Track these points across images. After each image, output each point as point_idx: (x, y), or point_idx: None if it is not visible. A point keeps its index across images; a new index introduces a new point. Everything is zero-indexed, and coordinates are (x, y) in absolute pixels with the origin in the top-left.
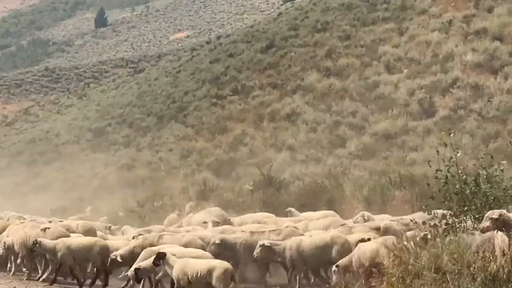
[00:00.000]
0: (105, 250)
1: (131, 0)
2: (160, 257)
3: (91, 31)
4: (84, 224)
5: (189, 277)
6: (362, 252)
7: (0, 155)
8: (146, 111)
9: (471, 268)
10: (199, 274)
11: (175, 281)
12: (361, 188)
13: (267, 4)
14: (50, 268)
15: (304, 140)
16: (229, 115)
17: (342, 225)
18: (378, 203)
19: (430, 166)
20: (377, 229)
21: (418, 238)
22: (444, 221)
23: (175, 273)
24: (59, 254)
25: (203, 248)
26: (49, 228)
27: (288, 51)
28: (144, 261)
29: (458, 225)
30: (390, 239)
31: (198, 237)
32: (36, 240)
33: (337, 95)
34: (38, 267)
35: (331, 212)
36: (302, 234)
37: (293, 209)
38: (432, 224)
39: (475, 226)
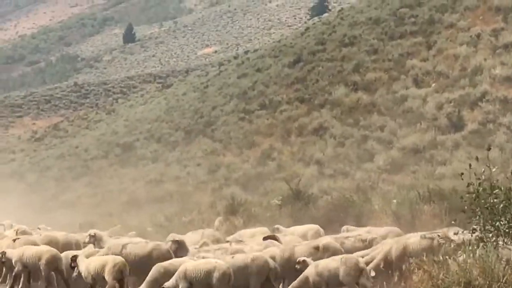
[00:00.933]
0: (55, 260)
1: (159, 16)
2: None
3: (119, 47)
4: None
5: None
6: (320, 270)
7: (29, 170)
8: (174, 126)
9: (501, 282)
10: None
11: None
12: (389, 203)
13: (295, 19)
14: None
15: (332, 155)
16: (256, 129)
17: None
18: (407, 217)
19: (462, 179)
20: (317, 248)
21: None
22: (475, 235)
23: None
24: (13, 262)
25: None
26: (18, 238)
27: (316, 65)
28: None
29: (488, 239)
30: (350, 257)
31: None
32: (4, 251)
33: (365, 109)
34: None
35: (316, 226)
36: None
37: (280, 226)
38: (462, 238)
39: (505, 240)
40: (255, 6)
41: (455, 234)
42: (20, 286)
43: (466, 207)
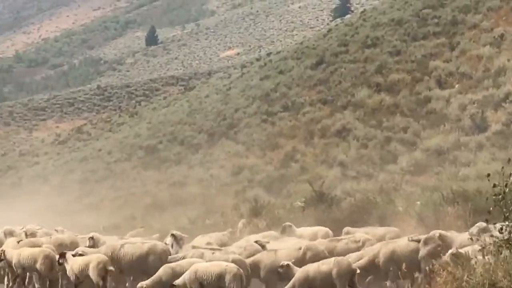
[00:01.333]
0: (50, 260)
1: (182, 18)
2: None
3: (142, 50)
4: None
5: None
6: (313, 276)
7: (53, 173)
8: (197, 128)
9: None
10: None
11: None
12: (413, 204)
13: (317, 20)
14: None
15: (355, 156)
16: (279, 131)
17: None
18: (431, 219)
19: (488, 180)
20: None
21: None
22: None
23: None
24: (12, 263)
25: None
26: (21, 240)
27: (338, 67)
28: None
29: None
30: (342, 260)
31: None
32: (3, 249)
33: (388, 111)
34: None
35: (325, 228)
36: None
37: (291, 225)
38: (487, 239)
39: None
40: (277, 8)
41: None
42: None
43: (491, 208)
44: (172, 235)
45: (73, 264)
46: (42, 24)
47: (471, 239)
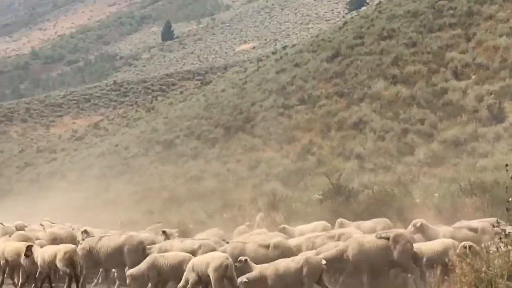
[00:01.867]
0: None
1: (197, 13)
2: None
3: (157, 45)
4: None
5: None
6: (282, 273)
7: (70, 169)
8: (214, 122)
9: None
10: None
11: None
12: (431, 196)
13: (332, 13)
14: None
15: (372, 149)
16: (296, 124)
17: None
18: (448, 210)
19: (507, 171)
20: (267, 246)
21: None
22: None
23: None
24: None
25: None
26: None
27: (354, 59)
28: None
29: None
30: (313, 257)
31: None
32: None
33: (404, 103)
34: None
35: (323, 222)
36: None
37: (287, 226)
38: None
39: None
40: (293, 1)
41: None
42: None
43: (510, 199)
44: (163, 232)
45: (42, 254)
46: (58, 20)
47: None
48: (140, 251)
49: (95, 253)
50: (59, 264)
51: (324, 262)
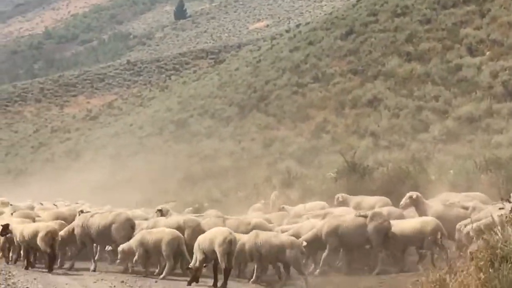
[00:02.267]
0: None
1: None
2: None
3: (171, 24)
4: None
5: None
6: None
7: (85, 148)
8: (228, 101)
9: None
10: None
11: None
12: (446, 173)
13: None
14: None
15: (387, 126)
16: (310, 103)
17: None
18: (463, 187)
19: None
20: (249, 224)
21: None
22: None
23: None
24: None
25: None
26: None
27: (368, 36)
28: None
29: None
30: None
31: None
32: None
33: (419, 80)
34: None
35: (322, 203)
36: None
37: (286, 206)
38: None
39: None
40: None
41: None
42: None
43: None
44: (159, 210)
45: (22, 232)
46: (71, 0)
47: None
48: (128, 227)
49: (87, 229)
50: (40, 244)
51: (304, 244)
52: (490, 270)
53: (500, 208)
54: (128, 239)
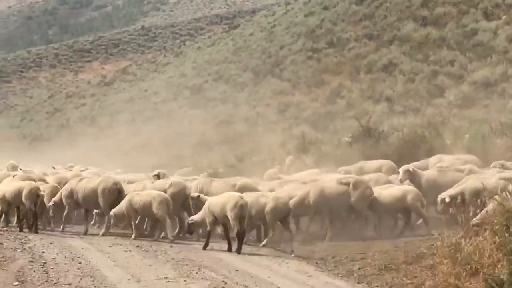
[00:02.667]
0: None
1: None
2: None
3: None
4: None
5: None
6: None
7: (100, 114)
8: (242, 66)
9: None
10: None
11: None
12: (461, 137)
13: None
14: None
15: (402, 91)
16: (325, 68)
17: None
18: (479, 151)
19: None
20: (234, 186)
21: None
22: None
23: None
24: None
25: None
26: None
27: (384, 1)
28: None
29: None
30: (281, 198)
31: None
32: None
33: (434, 44)
34: None
35: (316, 170)
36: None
37: (282, 175)
38: None
39: None
40: None
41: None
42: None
43: None
44: (155, 175)
45: (5, 190)
46: None
47: None
48: (115, 192)
49: (75, 194)
50: (25, 201)
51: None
52: (506, 234)
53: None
54: (114, 204)
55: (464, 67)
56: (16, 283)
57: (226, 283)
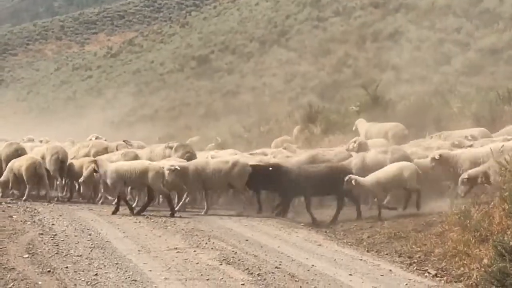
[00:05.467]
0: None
1: None
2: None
3: None
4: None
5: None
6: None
7: (107, 86)
8: (248, 36)
9: None
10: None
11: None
12: (469, 105)
13: None
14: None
15: (409, 59)
16: (331, 37)
17: None
18: (486, 119)
19: None
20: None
21: None
22: None
23: None
24: None
25: None
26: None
27: None
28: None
29: None
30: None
31: None
32: None
33: (440, 12)
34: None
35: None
36: None
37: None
38: None
39: None
40: None
41: None
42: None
43: None
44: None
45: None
46: None
47: None
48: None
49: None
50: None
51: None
52: None
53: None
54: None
55: (471, 34)
56: (27, 255)
57: (235, 252)
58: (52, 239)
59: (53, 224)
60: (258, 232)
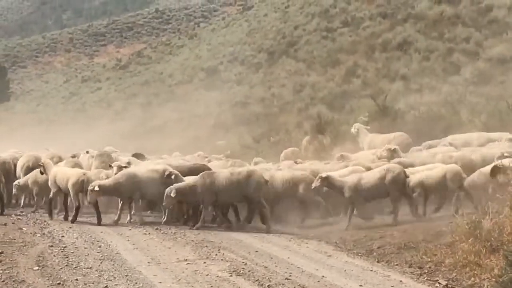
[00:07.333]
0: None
1: None
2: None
3: None
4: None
5: None
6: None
7: (115, 98)
8: (257, 47)
9: None
10: None
11: None
12: (478, 115)
13: None
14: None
15: (417, 69)
16: (340, 47)
17: None
18: (496, 128)
19: None
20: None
21: None
22: None
23: None
24: None
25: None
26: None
27: None
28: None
29: None
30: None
31: None
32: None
33: (449, 22)
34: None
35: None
36: None
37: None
38: None
39: None
40: None
41: None
42: None
43: None
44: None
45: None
46: None
47: None
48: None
49: None
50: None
51: None
52: None
53: None
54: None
55: (480, 44)
56: (37, 267)
57: (245, 264)
58: (62, 251)
59: (63, 236)
60: (268, 243)
